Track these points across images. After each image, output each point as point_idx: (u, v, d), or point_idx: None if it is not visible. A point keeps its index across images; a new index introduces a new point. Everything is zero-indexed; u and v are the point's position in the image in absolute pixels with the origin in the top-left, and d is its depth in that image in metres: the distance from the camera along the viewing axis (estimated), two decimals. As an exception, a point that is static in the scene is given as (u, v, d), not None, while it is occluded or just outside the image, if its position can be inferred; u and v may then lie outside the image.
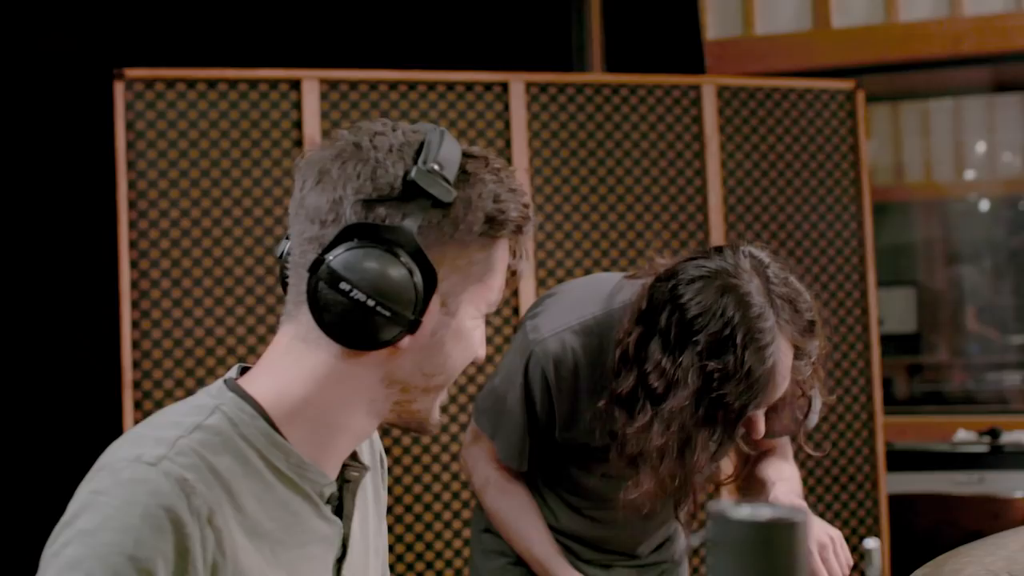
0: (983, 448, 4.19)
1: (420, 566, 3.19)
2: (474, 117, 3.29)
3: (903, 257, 6.12)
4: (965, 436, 4.30)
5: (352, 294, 1.17)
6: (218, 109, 3.10)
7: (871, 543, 1.11)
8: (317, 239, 1.20)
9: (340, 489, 1.30)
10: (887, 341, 5.67)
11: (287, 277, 1.27)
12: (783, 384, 1.72)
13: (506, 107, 3.32)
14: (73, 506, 1.12)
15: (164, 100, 3.06)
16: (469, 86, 3.30)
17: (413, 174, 1.19)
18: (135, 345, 3.00)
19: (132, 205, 3.02)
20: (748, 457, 2.02)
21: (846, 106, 3.63)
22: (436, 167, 1.20)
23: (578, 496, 2.02)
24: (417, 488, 3.19)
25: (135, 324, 3.00)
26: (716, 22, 4.81)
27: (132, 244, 3.02)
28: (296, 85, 3.15)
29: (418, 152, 1.21)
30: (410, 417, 1.29)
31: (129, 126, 3.03)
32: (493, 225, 1.24)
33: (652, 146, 3.44)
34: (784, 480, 1.94)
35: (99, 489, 1.12)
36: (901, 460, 4.16)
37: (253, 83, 3.13)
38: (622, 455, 1.76)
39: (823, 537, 1.79)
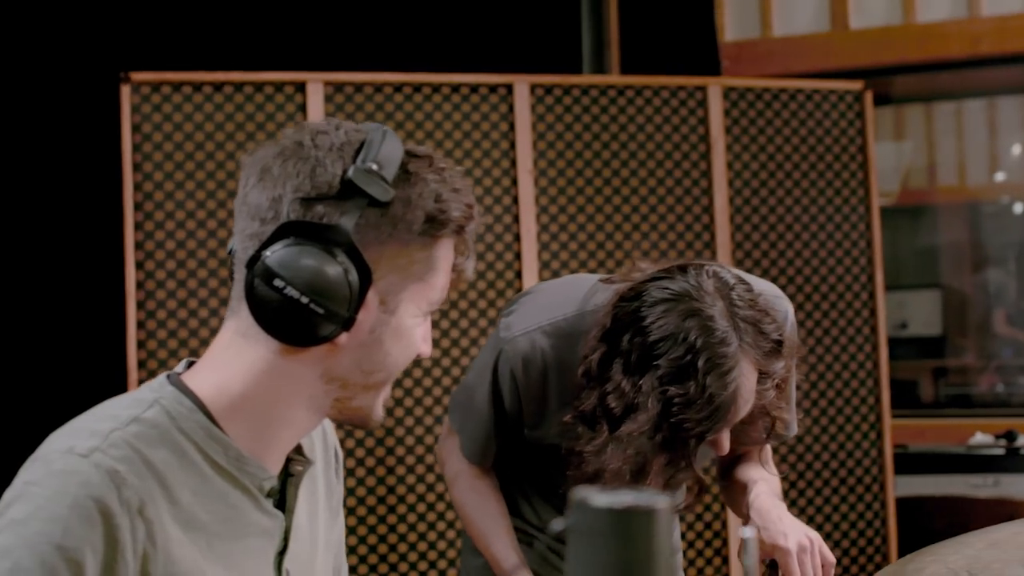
0: (999, 451, 4.16)
1: (423, 565, 3.21)
2: (479, 119, 3.30)
3: (935, 260, 6.07)
4: (982, 439, 4.26)
5: (286, 291, 1.19)
6: (223, 112, 3.13)
7: (748, 532, 1.11)
8: (257, 236, 1.22)
9: (284, 483, 1.32)
10: (912, 343, 5.64)
11: (235, 273, 1.29)
12: (745, 407, 1.70)
13: (511, 109, 3.33)
14: (7, 495, 1.15)
15: (170, 103, 3.10)
16: (474, 88, 3.31)
17: (350, 173, 1.21)
18: (140, 345, 3.04)
19: (138, 207, 3.07)
20: (725, 460, 2.02)
21: (854, 107, 3.61)
22: (374, 166, 1.21)
23: (558, 497, 2.03)
24: (421, 488, 3.21)
25: (140, 324, 3.05)
26: (733, 24, 4.80)
27: (138, 245, 3.06)
28: (301, 88, 3.18)
29: (358, 151, 1.23)
30: (352, 414, 1.30)
31: (135, 129, 3.08)
32: (434, 224, 1.25)
33: (658, 147, 3.44)
34: (764, 480, 1.94)
35: (31, 480, 1.14)
36: (916, 463, 4.13)
37: (258, 86, 3.16)
38: (580, 471, 1.76)
39: (803, 539, 1.77)
